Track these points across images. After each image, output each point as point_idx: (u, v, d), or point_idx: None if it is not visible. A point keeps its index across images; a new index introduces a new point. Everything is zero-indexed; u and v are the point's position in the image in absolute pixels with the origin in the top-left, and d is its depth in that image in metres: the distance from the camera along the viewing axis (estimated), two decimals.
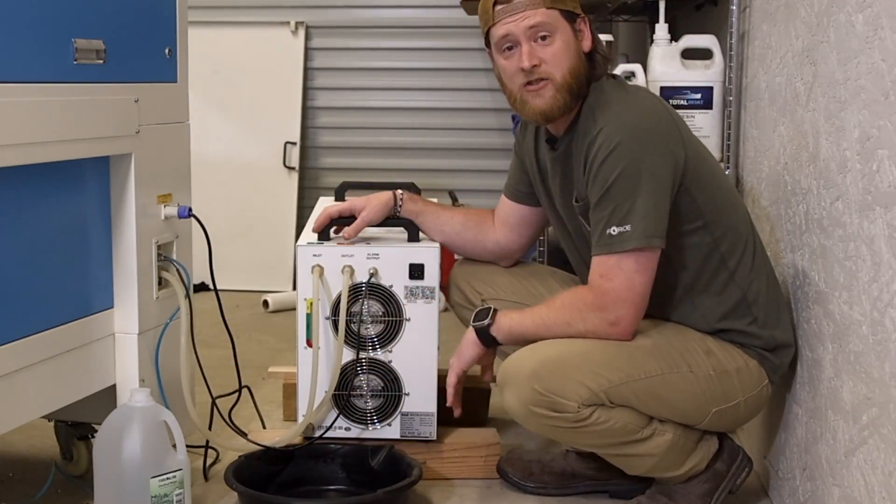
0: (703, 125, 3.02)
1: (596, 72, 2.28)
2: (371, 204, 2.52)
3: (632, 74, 3.10)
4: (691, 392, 2.21)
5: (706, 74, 3.05)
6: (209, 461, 2.57)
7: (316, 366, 2.43)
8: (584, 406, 2.15)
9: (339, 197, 2.84)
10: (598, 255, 2.18)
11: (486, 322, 2.29)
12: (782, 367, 2.29)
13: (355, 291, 2.47)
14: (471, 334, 2.33)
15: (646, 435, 2.21)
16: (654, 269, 2.17)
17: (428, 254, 2.49)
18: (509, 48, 2.26)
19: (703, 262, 2.25)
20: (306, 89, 5.17)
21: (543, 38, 2.23)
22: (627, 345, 2.21)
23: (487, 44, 2.32)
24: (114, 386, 2.31)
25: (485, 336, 2.30)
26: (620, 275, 2.15)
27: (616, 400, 2.17)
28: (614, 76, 2.36)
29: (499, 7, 2.25)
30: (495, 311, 2.30)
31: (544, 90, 2.24)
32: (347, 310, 2.45)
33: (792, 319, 2.30)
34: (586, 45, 2.27)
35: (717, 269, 2.26)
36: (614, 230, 2.14)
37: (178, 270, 2.39)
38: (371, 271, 2.47)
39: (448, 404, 2.41)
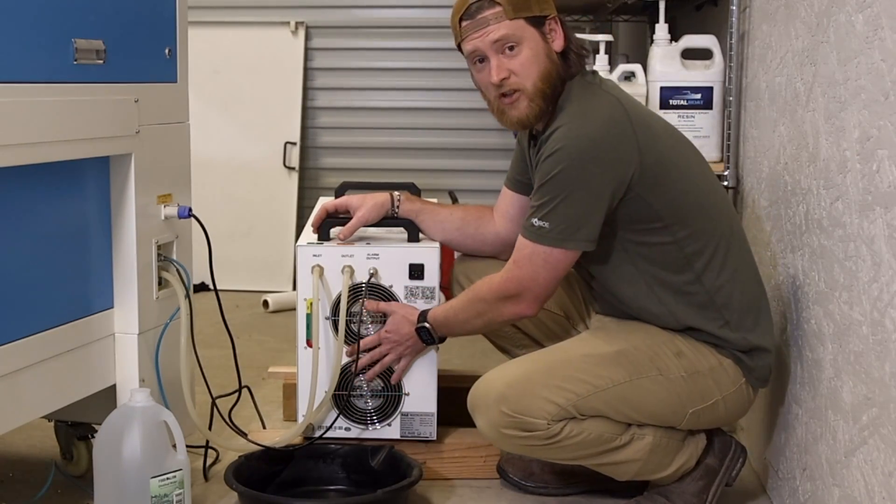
0: (703, 125, 3.02)
1: (571, 70, 2.29)
2: (367, 204, 2.52)
3: (632, 74, 3.10)
4: (663, 395, 2.22)
5: (706, 74, 3.04)
6: (209, 461, 2.57)
7: (316, 366, 2.43)
8: (553, 422, 2.17)
9: (339, 197, 2.84)
10: (521, 235, 2.25)
11: (436, 343, 2.45)
12: (758, 370, 2.28)
13: (355, 291, 2.47)
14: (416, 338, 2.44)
15: (624, 441, 2.22)
16: (565, 269, 2.24)
17: (428, 254, 2.49)
18: (480, 61, 2.28)
19: (664, 257, 2.25)
20: (306, 89, 5.17)
21: (511, 48, 2.24)
22: (592, 355, 2.23)
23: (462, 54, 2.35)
24: (114, 386, 2.31)
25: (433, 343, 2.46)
26: (529, 266, 2.22)
27: (586, 411, 2.18)
28: (593, 72, 2.35)
29: (465, 23, 2.26)
30: (430, 327, 2.41)
31: (518, 102, 2.26)
32: (347, 310, 2.45)
33: (777, 324, 2.29)
34: (558, 45, 2.28)
35: (681, 268, 2.25)
36: (536, 222, 2.20)
37: (178, 270, 2.39)
38: (371, 271, 2.47)
39: (358, 364, 2.47)
